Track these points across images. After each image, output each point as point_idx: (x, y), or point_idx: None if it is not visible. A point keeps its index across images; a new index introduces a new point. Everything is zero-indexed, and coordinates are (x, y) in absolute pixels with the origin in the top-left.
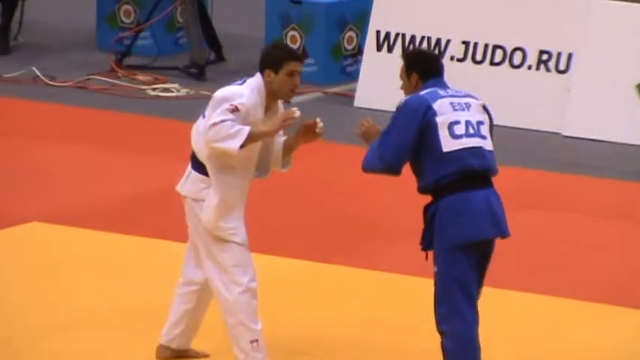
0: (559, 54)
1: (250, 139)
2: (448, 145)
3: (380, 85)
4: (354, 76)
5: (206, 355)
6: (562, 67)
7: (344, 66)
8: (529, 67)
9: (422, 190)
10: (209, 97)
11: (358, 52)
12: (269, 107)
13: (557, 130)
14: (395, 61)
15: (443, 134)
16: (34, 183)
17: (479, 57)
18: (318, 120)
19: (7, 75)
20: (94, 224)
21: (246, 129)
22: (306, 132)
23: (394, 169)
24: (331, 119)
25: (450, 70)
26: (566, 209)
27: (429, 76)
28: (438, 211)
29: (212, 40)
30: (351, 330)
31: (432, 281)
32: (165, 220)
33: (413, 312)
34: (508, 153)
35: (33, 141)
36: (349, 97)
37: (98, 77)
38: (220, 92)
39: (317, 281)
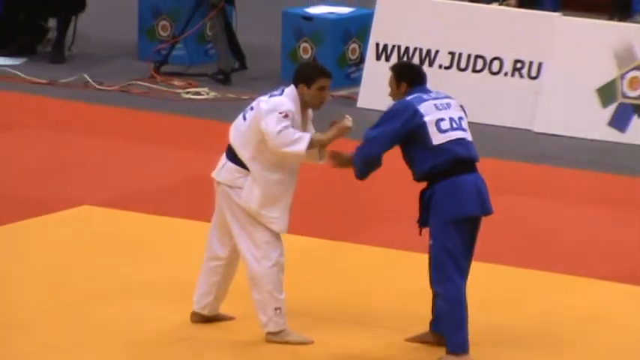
0: (531, 63)
1: (311, 144)
2: (437, 138)
3: (379, 89)
4: (357, 82)
5: (232, 318)
6: (533, 74)
7: (348, 73)
8: (505, 74)
9: (417, 178)
10: (234, 100)
11: (360, 60)
12: (302, 115)
13: (529, 127)
14: None
15: (432, 130)
16: (85, 172)
17: (463, 65)
18: (347, 116)
19: (63, 80)
20: (136, 207)
21: (307, 135)
22: (338, 129)
23: (375, 158)
24: (337, 117)
25: (438, 77)
26: (537, 195)
27: (415, 85)
28: (434, 194)
29: (236, 51)
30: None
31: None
32: (198, 203)
33: (414, 283)
34: (487, 146)
35: (84, 136)
36: (353, 99)
37: (139, 82)
38: (266, 104)
39: (330, 257)
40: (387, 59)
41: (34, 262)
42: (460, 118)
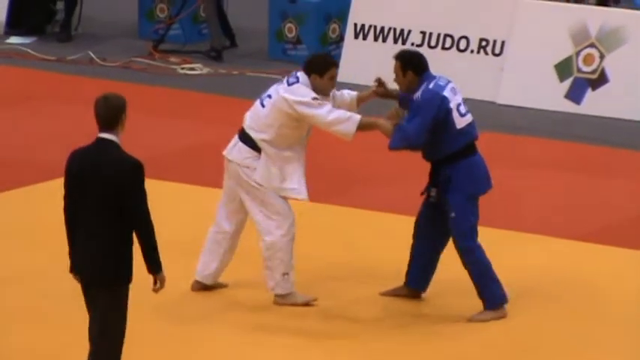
0: (495, 41)
1: (359, 126)
2: (460, 123)
3: (357, 65)
4: (337, 58)
5: (226, 285)
6: (497, 51)
7: (329, 50)
8: (472, 51)
9: (432, 157)
10: (225, 75)
11: (340, 39)
12: None
13: (494, 100)
14: (369, 46)
15: (455, 115)
16: (89, 141)
17: (433, 43)
18: (396, 106)
19: (69, 57)
20: None
21: (357, 117)
22: (377, 91)
23: (416, 146)
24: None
25: None
26: (501, 162)
27: (422, 72)
28: (454, 172)
29: (227, 30)
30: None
31: (404, 217)
32: (194, 169)
33: (396, 241)
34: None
35: (89, 108)
36: None
37: (139, 59)
38: (292, 94)
39: (318, 218)
40: (365, 38)
41: (44, 222)
42: (464, 101)
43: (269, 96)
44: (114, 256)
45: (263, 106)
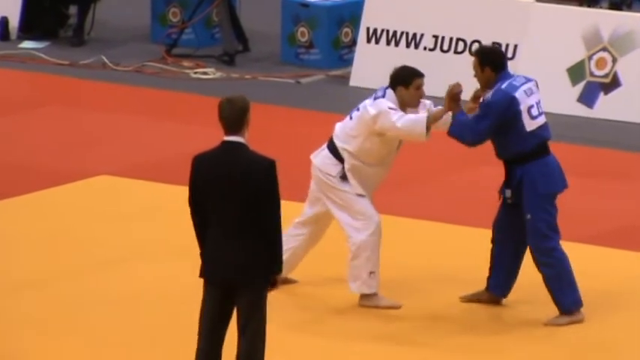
0: (507, 45)
1: (428, 122)
2: (529, 125)
3: (369, 69)
4: (349, 62)
5: (296, 281)
6: (510, 54)
7: (342, 54)
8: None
9: (503, 156)
10: (238, 79)
11: (353, 43)
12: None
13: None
14: (381, 50)
15: (525, 117)
16: (103, 145)
17: (446, 47)
18: (457, 83)
19: (82, 62)
20: (150, 177)
21: (423, 116)
22: (448, 96)
23: (476, 145)
24: (331, 95)
25: (423, 58)
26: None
27: (500, 70)
28: (526, 173)
29: (240, 35)
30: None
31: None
32: None
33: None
34: None
35: (102, 112)
36: (346, 78)
37: (152, 64)
38: (376, 108)
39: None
40: (377, 42)
41: (57, 226)
42: (539, 102)
43: (357, 109)
44: (258, 255)
45: (351, 118)
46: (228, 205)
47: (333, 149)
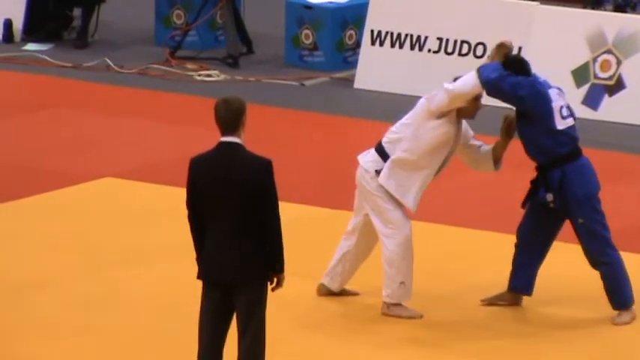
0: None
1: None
2: (560, 124)
3: (374, 71)
4: (353, 65)
5: (356, 293)
6: None
7: (346, 57)
8: (489, 58)
9: (540, 160)
10: (242, 82)
11: (357, 45)
12: (457, 125)
13: (512, 106)
14: (385, 52)
15: (557, 116)
16: (107, 147)
17: (450, 50)
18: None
19: (86, 64)
20: (154, 179)
21: (471, 72)
22: (507, 132)
23: (487, 86)
24: (335, 97)
25: (427, 60)
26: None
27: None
28: (567, 175)
29: (244, 37)
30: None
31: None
32: None
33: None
34: (474, 124)
35: (106, 115)
36: (350, 80)
37: (156, 66)
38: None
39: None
40: (381, 45)
41: (61, 228)
42: (569, 104)
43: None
44: (257, 255)
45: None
46: (226, 206)
47: (379, 149)
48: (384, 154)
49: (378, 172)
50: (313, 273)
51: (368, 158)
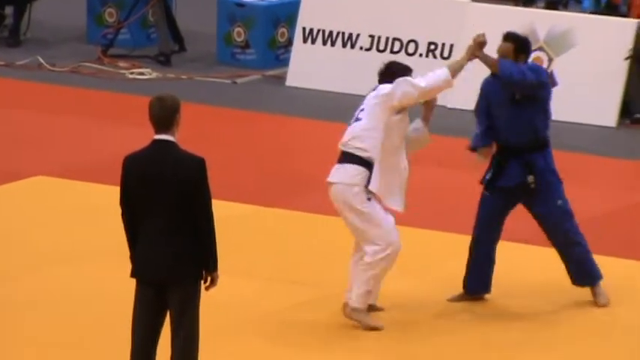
0: (443, 44)
1: (452, 70)
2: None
3: (306, 69)
4: (285, 62)
5: (382, 309)
6: (446, 54)
7: (278, 54)
8: (420, 55)
9: (527, 142)
10: (174, 79)
11: (289, 43)
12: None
13: (444, 104)
14: (318, 50)
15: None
16: (39, 146)
17: (382, 47)
18: (480, 34)
19: (18, 62)
20: (86, 177)
21: (442, 68)
22: (427, 106)
23: (538, 85)
24: (267, 95)
25: (359, 58)
26: (451, 164)
27: (528, 58)
28: (547, 159)
29: (176, 35)
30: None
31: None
32: None
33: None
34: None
35: (38, 113)
36: (282, 78)
37: (88, 64)
38: (387, 87)
39: (261, 220)
40: (313, 42)
41: None
42: None
43: (362, 109)
44: (190, 253)
45: (359, 119)
46: (159, 204)
47: (351, 157)
48: (366, 163)
49: (364, 181)
50: (247, 271)
51: (350, 173)
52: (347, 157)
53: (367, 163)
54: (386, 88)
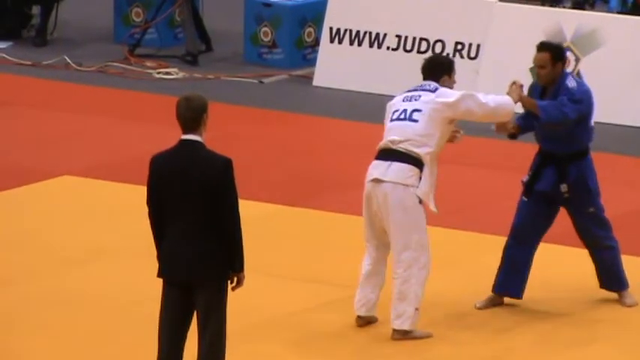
0: (470, 44)
1: (521, 101)
2: (592, 121)
3: (332, 68)
4: (312, 62)
5: (377, 320)
6: (472, 54)
7: (305, 54)
8: (447, 55)
9: (560, 151)
10: (201, 79)
11: (316, 43)
12: None
13: None
14: (344, 50)
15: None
16: (65, 145)
17: (409, 47)
18: (515, 81)
19: (45, 62)
20: (112, 177)
21: (507, 97)
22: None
23: (569, 123)
24: (294, 95)
25: (386, 58)
26: (477, 164)
27: (565, 64)
28: (583, 169)
29: (203, 35)
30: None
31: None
32: None
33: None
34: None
35: (64, 113)
36: (309, 78)
37: (115, 64)
38: (453, 95)
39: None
40: (340, 42)
41: (21, 226)
42: None
43: (418, 110)
44: (216, 254)
45: (412, 120)
46: (186, 204)
47: (406, 157)
48: (419, 164)
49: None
50: (273, 271)
51: (406, 173)
52: (399, 156)
53: (420, 164)
54: (449, 95)
